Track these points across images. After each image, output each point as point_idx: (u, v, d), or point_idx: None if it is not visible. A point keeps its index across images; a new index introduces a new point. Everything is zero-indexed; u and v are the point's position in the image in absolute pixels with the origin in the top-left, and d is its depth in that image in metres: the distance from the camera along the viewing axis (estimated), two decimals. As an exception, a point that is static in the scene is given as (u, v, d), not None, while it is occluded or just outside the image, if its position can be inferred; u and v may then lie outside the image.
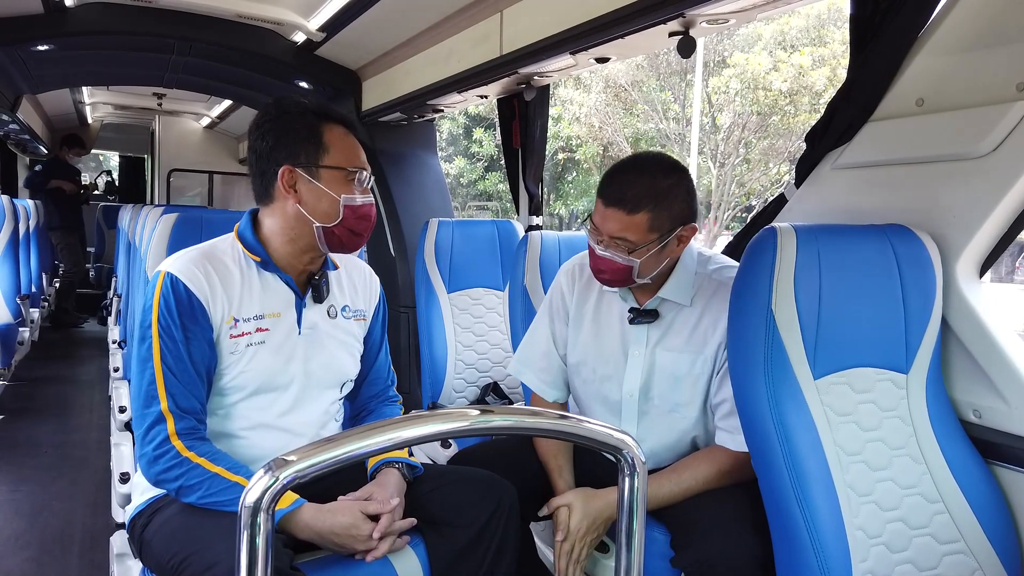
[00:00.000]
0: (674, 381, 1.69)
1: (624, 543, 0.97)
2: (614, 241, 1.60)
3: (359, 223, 1.54)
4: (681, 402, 1.69)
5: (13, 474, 3.40)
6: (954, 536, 1.41)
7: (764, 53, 13.91)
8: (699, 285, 1.71)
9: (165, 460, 1.40)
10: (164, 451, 1.41)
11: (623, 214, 1.58)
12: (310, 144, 1.51)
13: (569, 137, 16.43)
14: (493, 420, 0.94)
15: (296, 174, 1.51)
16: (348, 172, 1.53)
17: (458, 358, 2.92)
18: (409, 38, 3.32)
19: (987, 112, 1.46)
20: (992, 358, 1.47)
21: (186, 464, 1.40)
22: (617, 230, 1.59)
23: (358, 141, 1.58)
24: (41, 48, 3.76)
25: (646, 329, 1.73)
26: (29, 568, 2.53)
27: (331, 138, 1.52)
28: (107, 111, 7.79)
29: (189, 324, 1.46)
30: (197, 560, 1.28)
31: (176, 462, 1.40)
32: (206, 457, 1.41)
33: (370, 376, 1.75)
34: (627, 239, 1.59)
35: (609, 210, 1.60)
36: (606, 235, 1.61)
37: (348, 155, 1.54)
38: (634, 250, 1.59)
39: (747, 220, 2.24)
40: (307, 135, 1.51)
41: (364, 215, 1.55)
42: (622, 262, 1.61)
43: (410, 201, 4.03)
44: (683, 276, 1.70)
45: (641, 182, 1.59)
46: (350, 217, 1.52)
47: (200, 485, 1.39)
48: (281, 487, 0.77)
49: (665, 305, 1.72)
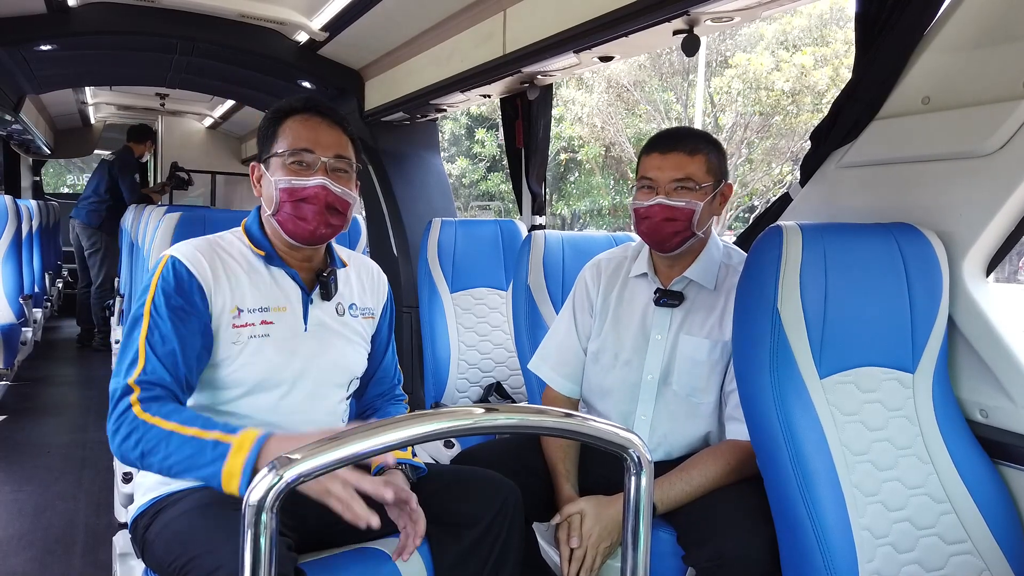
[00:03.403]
0: (693, 366, 1.72)
1: (630, 542, 0.96)
2: (676, 186, 1.66)
3: (298, 207, 1.48)
4: (699, 387, 1.72)
5: (16, 474, 3.40)
6: (961, 536, 1.40)
7: (766, 53, 13.89)
8: (723, 274, 1.76)
9: (124, 428, 1.34)
10: (123, 419, 1.35)
11: (684, 155, 1.66)
12: (267, 139, 1.54)
13: (571, 137, 16.43)
14: (498, 418, 0.94)
15: (259, 169, 1.54)
16: (287, 155, 1.48)
17: (461, 358, 2.91)
18: (412, 37, 3.32)
19: (994, 110, 1.45)
20: (999, 357, 1.46)
21: (142, 427, 1.33)
22: (679, 172, 1.66)
23: (330, 123, 1.52)
24: (44, 48, 3.76)
25: (670, 313, 1.77)
26: (32, 568, 2.53)
27: (284, 127, 1.51)
28: (110, 111, 7.78)
29: (185, 305, 1.43)
30: (200, 563, 1.25)
31: (133, 427, 1.34)
32: (160, 416, 1.34)
33: (377, 375, 1.74)
34: (691, 178, 1.65)
35: (669, 155, 1.67)
36: (666, 182, 1.66)
37: (293, 138, 1.49)
38: (697, 189, 1.65)
39: (749, 220, 2.24)
40: (266, 131, 1.54)
41: (302, 197, 1.47)
42: (686, 206, 1.66)
43: (413, 201, 4.03)
44: (708, 259, 1.76)
45: (692, 133, 1.72)
46: (286, 201, 1.48)
47: (158, 447, 1.32)
48: (285, 485, 0.76)
49: (690, 287, 1.77)
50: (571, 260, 2.31)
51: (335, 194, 1.49)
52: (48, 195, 8.88)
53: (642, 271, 1.83)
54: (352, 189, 1.54)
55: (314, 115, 1.53)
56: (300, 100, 1.54)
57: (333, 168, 1.51)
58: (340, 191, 1.50)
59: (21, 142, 7.01)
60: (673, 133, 1.72)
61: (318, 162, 1.49)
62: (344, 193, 1.51)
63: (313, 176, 1.48)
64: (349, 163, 1.54)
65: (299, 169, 1.49)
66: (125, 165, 6.16)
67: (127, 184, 6.04)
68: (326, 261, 1.63)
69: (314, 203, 1.48)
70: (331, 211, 1.50)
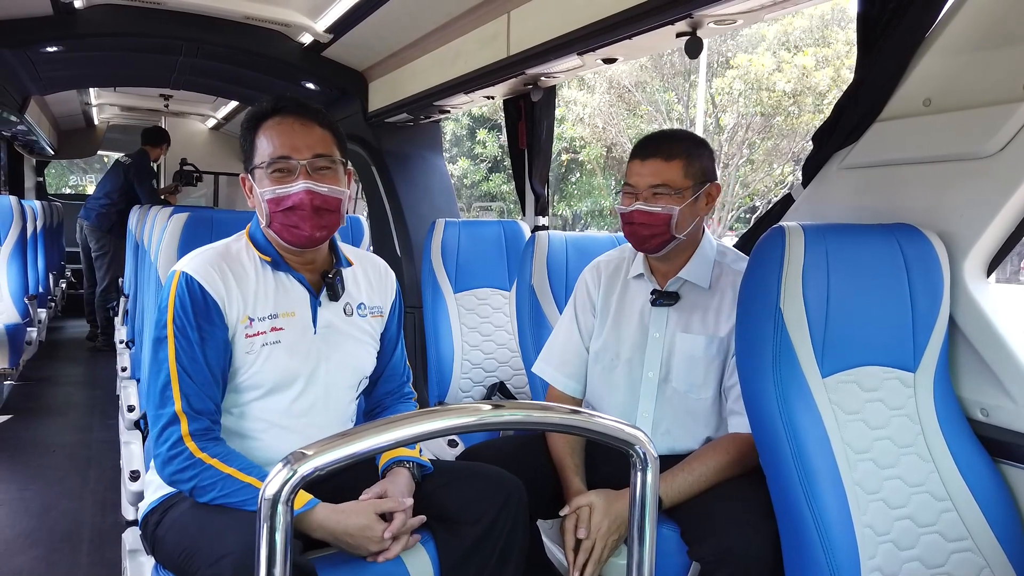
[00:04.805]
0: (691, 362, 1.76)
1: (636, 537, 0.98)
2: (653, 192, 1.72)
3: (288, 215, 1.47)
4: (697, 383, 1.75)
5: (21, 473, 3.42)
6: (962, 534, 1.42)
7: (768, 54, 13.91)
8: (717, 273, 1.81)
9: (179, 461, 1.41)
10: (178, 452, 1.41)
11: (660, 162, 1.72)
12: (247, 149, 1.54)
13: (573, 138, 16.45)
14: (505, 415, 0.95)
15: (249, 180, 1.55)
16: (267, 166, 1.48)
17: (464, 358, 2.93)
18: (416, 39, 3.34)
19: (994, 112, 1.47)
20: (1000, 357, 1.48)
21: (199, 465, 1.41)
22: (656, 178, 1.72)
23: (304, 121, 1.50)
24: (50, 50, 3.78)
25: (667, 312, 1.81)
26: (38, 566, 2.54)
27: (260, 135, 1.51)
28: (114, 112, 7.80)
29: (204, 324, 1.46)
30: (207, 552, 1.29)
31: (190, 463, 1.41)
32: (219, 458, 1.41)
33: (386, 373, 1.75)
34: (666, 184, 1.71)
35: (647, 162, 1.74)
36: (644, 188, 1.73)
37: (270, 147, 1.48)
38: (673, 194, 1.71)
39: (751, 221, 2.26)
40: (245, 141, 1.54)
41: (289, 205, 1.47)
42: (662, 211, 1.71)
43: (416, 202, 4.05)
44: (702, 259, 1.81)
45: (673, 137, 1.78)
46: (275, 211, 1.48)
47: (214, 486, 1.39)
48: (299, 479, 0.78)
49: (685, 287, 1.81)
50: (575, 261, 2.33)
51: (321, 195, 1.48)
52: (51, 196, 8.90)
53: (639, 272, 1.87)
54: (340, 183, 1.52)
55: (286, 116, 1.50)
56: (270, 102, 1.53)
57: (315, 167, 1.49)
58: (326, 190, 1.48)
59: (25, 143, 7.03)
60: (654, 138, 1.79)
61: (297, 167, 1.47)
62: (331, 191, 1.49)
63: (295, 181, 1.47)
64: (330, 159, 1.51)
65: (281, 177, 1.48)
66: (142, 170, 6.12)
67: (145, 191, 5.99)
68: (331, 261, 1.64)
69: (302, 209, 1.47)
70: (321, 213, 1.49)
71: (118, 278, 5.81)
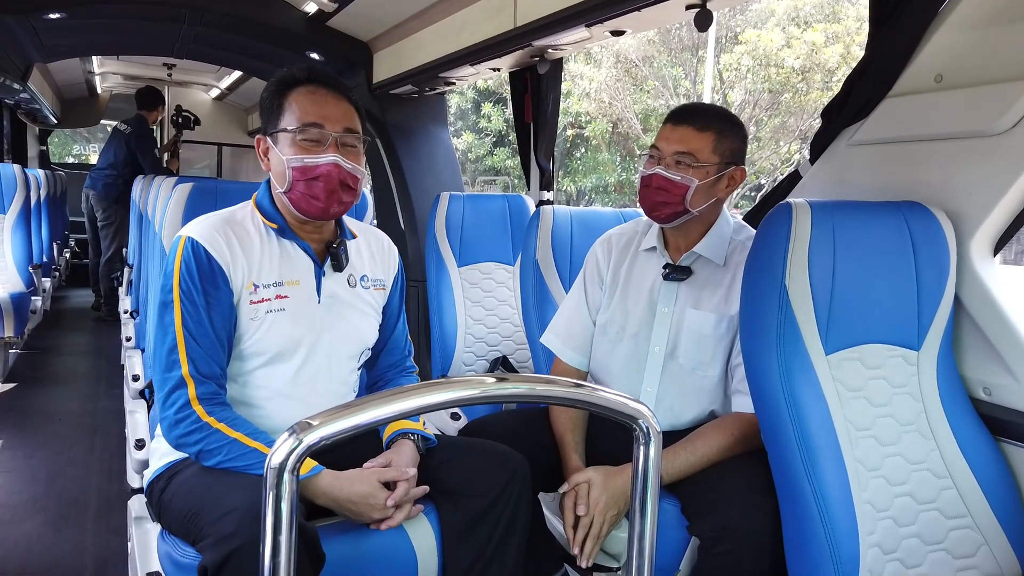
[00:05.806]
0: (699, 339, 1.75)
1: (638, 510, 0.99)
2: (677, 159, 1.69)
3: (311, 186, 1.48)
4: (704, 361, 1.74)
5: (28, 440, 3.46)
6: (961, 511, 1.43)
7: (777, 29, 13.74)
8: (732, 249, 1.78)
9: (186, 424, 1.42)
10: (185, 415, 1.42)
11: (692, 130, 1.69)
12: (272, 111, 1.53)
13: (578, 113, 16.32)
14: (509, 388, 0.95)
15: (266, 142, 1.54)
16: (297, 132, 1.47)
17: (468, 332, 2.94)
18: (421, 9, 3.29)
19: (1006, 89, 1.45)
20: (1004, 336, 1.48)
21: (206, 429, 1.42)
22: (682, 145, 1.69)
23: (336, 95, 1.51)
24: (52, 16, 3.74)
25: (676, 287, 1.79)
26: (46, 532, 2.58)
27: (290, 100, 1.50)
28: (117, 81, 7.76)
29: (210, 289, 1.46)
30: (213, 509, 1.30)
31: (197, 426, 1.42)
32: (225, 423, 1.42)
33: (388, 346, 1.76)
34: (691, 154, 1.68)
35: (678, 127, 1.71)
36: (669, 154, 1.70)
37: (301, 113, 1.48)
38: (696, 167, 1.67)
39: (756, 199, 2.24)
40: (271, 103, 1.53)
41: (315, 176, 1.47)
42: (681, 180, 1.68)
43: (420, 175, 4.03)
44: (718, 235, 1.78)
45: (711, 110, 1.75)
46: (299, 180, 1.48)
47: (220, 450, 1.41)
48: (305, 448, 0.78)
49: (699, 262, 1.79)
50: (579, 236, 2.32)
51: (347, 171, 1.49)
52: (55, 165, 8.88)
53: (651, 245, 1.85)
54: (361, 164, 1.54)
55: (319, 86, 1.51)
56: (303, 70, 1.53)
57: (343, 143, 1.50)
58: (351, 167, 1.50)
59: (28, 111, 7.00)
60: (691, 108, 1.75)
61: (328, 137, 1.48)
62: (355, 169, 1.51)
63: (324, 153, 1.47)
64: (358, 137, 1.53)
65: (309, 146, 1.48)
66: (143, 139, 6.04)
67: (148, 161, 5.92)
68: (336, 232, 1.64)
69: (326, 181, 1.48)
70: (343, 188, 1.50)
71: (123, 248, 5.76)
